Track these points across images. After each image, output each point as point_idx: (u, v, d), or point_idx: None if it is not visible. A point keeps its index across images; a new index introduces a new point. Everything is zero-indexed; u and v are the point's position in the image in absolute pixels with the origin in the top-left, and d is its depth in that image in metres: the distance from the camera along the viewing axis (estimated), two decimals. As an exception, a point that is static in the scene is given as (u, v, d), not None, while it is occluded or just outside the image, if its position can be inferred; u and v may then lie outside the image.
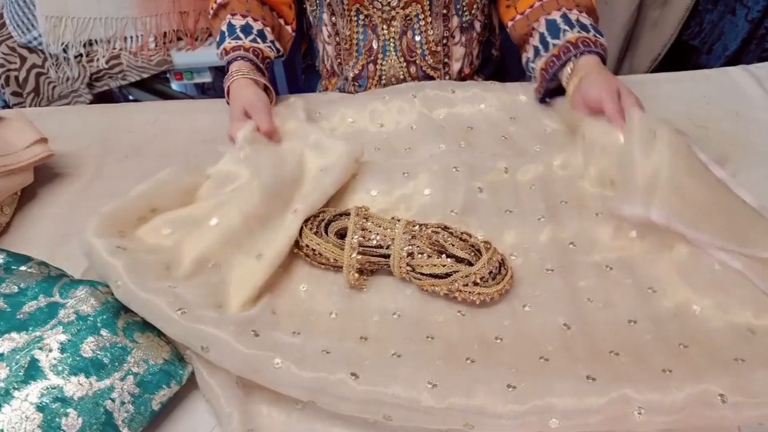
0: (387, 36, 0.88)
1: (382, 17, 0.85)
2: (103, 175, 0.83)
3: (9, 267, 0.59)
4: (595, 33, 0.80)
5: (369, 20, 0.86)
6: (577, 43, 0.78)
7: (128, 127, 0.91)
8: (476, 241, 0.61)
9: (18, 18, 1.32)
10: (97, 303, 0.54)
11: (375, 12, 0.85)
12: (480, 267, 0.58)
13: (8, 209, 0.76)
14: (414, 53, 0.88)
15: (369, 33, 0.88)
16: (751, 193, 0.69)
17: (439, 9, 0.85)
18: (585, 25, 0.81)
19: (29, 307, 0.53)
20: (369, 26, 0.87)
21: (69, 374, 0.49)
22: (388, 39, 0.88)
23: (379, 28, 0.87)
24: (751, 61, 1.07)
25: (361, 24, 0.87)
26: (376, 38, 0.88)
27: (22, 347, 0.50)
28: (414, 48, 0.88)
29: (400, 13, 0.85)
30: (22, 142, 0.76)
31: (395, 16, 0.85)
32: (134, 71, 1.35)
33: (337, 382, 0.50)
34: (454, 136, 0.78)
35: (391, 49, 0.88)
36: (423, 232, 0.61)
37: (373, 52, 0.90)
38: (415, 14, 0.85)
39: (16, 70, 1.32)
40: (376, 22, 0.86)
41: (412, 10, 0.84)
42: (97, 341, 0.52)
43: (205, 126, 0.91)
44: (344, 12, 0.85)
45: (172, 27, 1.34)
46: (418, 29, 0.86)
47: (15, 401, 0.48)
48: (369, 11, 0.85)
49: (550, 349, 0.54)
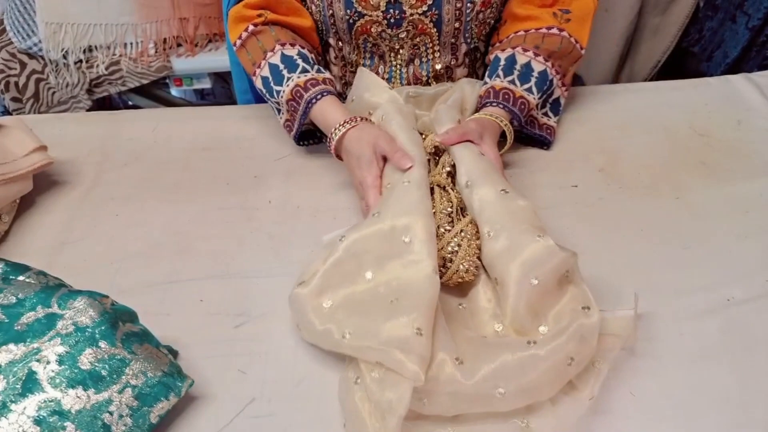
0: (394, 63, 0.87)
1: (390, 46, 0.84)
2: (102, 183, 0.82)
3: (7, 277, 0.58)
4: (528, 89, 0.79)
5: (377, 48, 0.85)
6: (498, 92, 0.78)
7: (128, 135, 0.91)
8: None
9: (18, 24, 1.32)
10: (96, 314, 0.53)
11: (383, 42, 0.84)
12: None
13: (7, 217, 0.75)
14: (420, 80, 0.87)
15: (376, 60, 0.87)
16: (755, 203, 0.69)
17: (447, 39, 0.84)
18: (527, 74, 0.79)
19: (27, 318, 0.52)
20: (377, 54, 0.86)
21: (67, 387, 0.49)
22: (395, 66, 0.87)
23: (386, 56, 0.86)
24: (752, 69, 1.07)
25: (368, 51, 0.86)
26: (383, 65, 0.87)
27: (19, 359, 0.50)
28: (420, 76, 0.87)
29: (409, 43, 0.84)
30: (21, 150, 0.76)
31: (403, 45, 0.84)
32: (134, 77, 1.35)
33: None
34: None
35: (396, 76, 0.87)
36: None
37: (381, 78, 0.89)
38: (423, 44, 0.84)
39: (16, 75, 1.32)
40: (384, 50, 0.85)
41: (420, 40, 0.83)
42: (96, 353, 0.51)
43: (205, 133, 0.91)
44: (351, 40, 0.84)
45: (171, 33, 1.35)
46: (425, 58, 0.86)
47: (12, 414, 0.47)
48: (377, 41, 0.84)
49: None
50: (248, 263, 0.70)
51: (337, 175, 0.82)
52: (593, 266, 0.67)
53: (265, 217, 0.76)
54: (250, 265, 0.70)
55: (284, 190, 0.80)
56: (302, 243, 0.72)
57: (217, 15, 1.37)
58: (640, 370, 0.58)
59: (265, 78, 0.80)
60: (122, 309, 0.56)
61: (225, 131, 0.91)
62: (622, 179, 0.79)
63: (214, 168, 0.84)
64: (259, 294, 0.66)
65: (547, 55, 0.80)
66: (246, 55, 0.82)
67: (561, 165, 0.82)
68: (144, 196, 0.80)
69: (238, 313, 0.64)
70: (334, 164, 0.84)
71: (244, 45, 0.82)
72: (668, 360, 0.59)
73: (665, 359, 0.59)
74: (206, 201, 0.79)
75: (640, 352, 0.59)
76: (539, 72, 0.80)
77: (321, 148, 0.87)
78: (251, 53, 0.82)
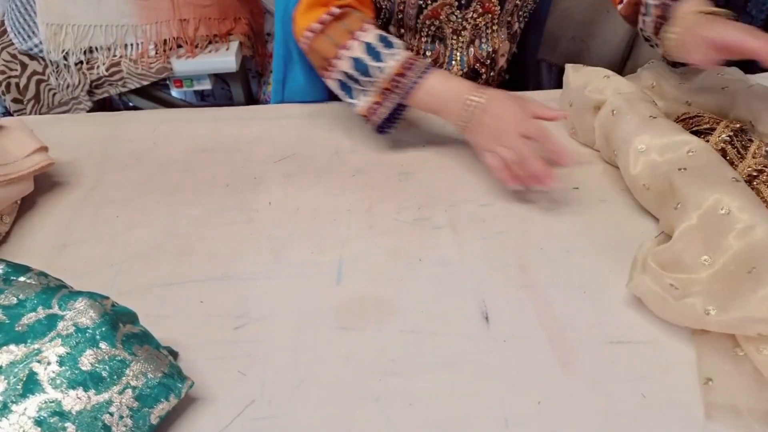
0: (456, 46, 0.86)
1: (453, 27, 0.84)
2: (103, 184, 0.83)
3: (8, 278, 0.58)
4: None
5: (440, 32, 0.85)
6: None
7: (128, 136, 0.91)
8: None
9: (19, 25, 1.32)
10: (96, 315, 0.53)
11: (448, 24, 0.83)
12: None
13: (8, 218, 0.75)
14: (479, 62, 0.87)
15: (436, 45, 0.87)
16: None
17: (504, 17, 0.84)
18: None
19: (28, 319, 0.53)
20: (438, 37, 0.86)
21: (67, 388, 0.49)
22: (456, 49, 0.87)
23: (447, 39, 0.86)
24: (755, 71, 1.06)
25: (430, 35, 0.86)
26: (443, 48, 0.87)
27: (20, 360, 0.50)
28: (480, 56, 0.87)
29: (471, 23, 0.84)
30: (22, 151, 0.76)
31: (466, 26, 0.84)
32: (134, 78, 1.35)
33: None
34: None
35: (457, 59, 0.87)
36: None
37: (438, 63, 0.89)
38: (484, 24, 0.84)
39: (17, 77, 1.32)
40: (447, 33, 0.85)
41: (482, 20, 0.83)
42: (96, 354, 0.51)
43: (205, 135, 0.91)
44: (417, 26, 0.84)
45: (172, 35, 1.35)
46: (485, 38, 0.86)
47: (13, 415, 0.47)
48: (442, 23, 0.84)
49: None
50: (248, 265, 0.70)
51: (338, 177, 0.82)
52: (593, 267, 0.67)
53: (264, 218, 0.76)
54: (250, 267, 0.70)
55: (284, 192, 0.80)
56: (302, 245, 0.72)
57: (217, 16, 1.37)
58: None
59: (358, 59, 0.77)
60: (123, 310, 0.57)
61: (225, 133, 0.91)
62: (624, 181, 0.79)
63: (214, 170, 0.85)
64: (259, 296, 0.67)
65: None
66: (326, 40, 0.79)
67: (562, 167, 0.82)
68: (144, 197, 0.80)
69: (238, 315, 0.64)
70: (335, 166, 0.84)
71: (325, 30, 0.79)
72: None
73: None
74: (206, 203, 0.79)
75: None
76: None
77: (321, 149, 0.87)
78: (333, 37, 0.78)
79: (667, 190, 0.67)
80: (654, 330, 0.61)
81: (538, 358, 0.59)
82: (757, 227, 0.57)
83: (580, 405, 0.55)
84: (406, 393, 0.57)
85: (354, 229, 0.74)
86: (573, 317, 0.62)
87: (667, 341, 0.60)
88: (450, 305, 0.64)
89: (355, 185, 0.81)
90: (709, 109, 0.80)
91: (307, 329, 0.63)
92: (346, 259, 0.70)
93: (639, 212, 0.75)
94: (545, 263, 0.68)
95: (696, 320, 0.57)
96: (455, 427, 0.54)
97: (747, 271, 0.56)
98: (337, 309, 0.64)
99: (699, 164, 0.66)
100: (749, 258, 0.57)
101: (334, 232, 0.74)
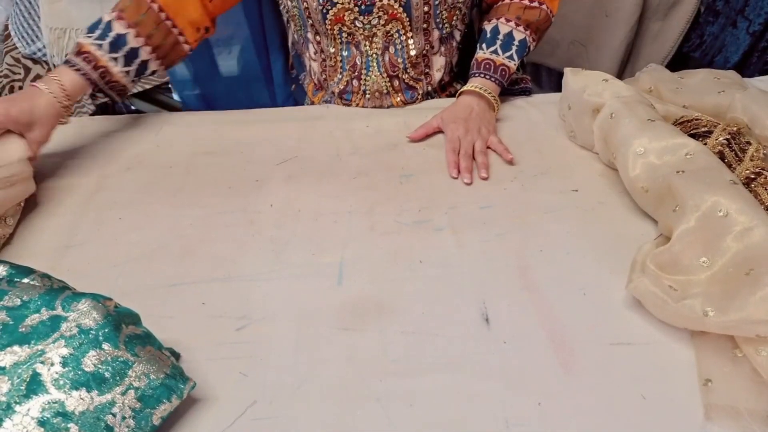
0: (370, 52, 0.89)
1: (364, 34, 0.87)
2: (106, 187, 0.83)
3: (12, 279, 0.59)
4: (509, 56, 0.88)
5: (352, 38, 0.88)
6: (480, 63, 0.88)
7: (130, 139, 0.92)
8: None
9: (23, 29, 1.33)
10: (99, 316, 0.54)
11: (357, 30, 0.86)
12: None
13: (12, 220, 0.76)
14: (396, 68, 0.90)
15: (353, 50, 0.90)
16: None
17: (419, 24, 0.86)
18: (508, 43, 0.88)
19: (31, 320, 0.53)
20: (352, 43, 0.89)
21: (70, 389, 0.49)
22: (371, 55, 0.89)
23: (362, 45, 0.89)
24: (753, 75, 1.07)
25: (344, 42, 0.89)
26: (359, 54, 0.90)
27: (24, 361, 0.50)
28: (396, 63, 0.90)
29: (382, 30, 0.86)
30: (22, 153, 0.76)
31: (377, 33, 0.86)
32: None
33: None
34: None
35: (374, 64, 0.90)
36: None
37: (356, 68, 0.92)
38: (395, 30, 0.86)
39: (21, 80, 1.33)
40: (359, 39, 0.88)
41: (392, 26, 0.86)
42: (99, 355, 0.52)
43: (207, 138, 0.91)
44: (327, 31, 0.87)
45: (175, 38, 1.35)
46: (400, 44, 0.88)
47: (16, 416, 0.48)
48: (351, 29, 0.86)
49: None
50: (250, 267, 0.70)
51: (339, 179, 0.82)
52: (593, 269, 0.67)
53: (266, 220, 0.77)
54: (252, 269, 0.70)
55: (285, 194, 0.80)
56: (303, 246, 0.72)
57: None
58: None
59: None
60: (125, 311, 0.57)
61: (226, 136, 0.92)
62: (623, 183, 0.79)
63: (215, 172, 0.85)
64: (260, 297, 0.67)
65: (525, 25, 0.89)
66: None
67: (561, 169, 0.83)
68: (146, 200, 0.81)
69: (239, 316, 0.65)
70: (336, 168, 0.85)
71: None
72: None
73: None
74: (208, 205, 0.79)
75: None
76: (519, 41, 0.89)
77: (323, 151, 0.88)
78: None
79: (665, 192, 0.68)
80: (654, 331, 0.61)
81: (538, 359, 0.59)
82: (755, 229, 0.58)
83: (580, 406, 0.55)
84: (406, 394, 0.57)
85: (355, 231, 0.74)
86: (573, 319, 0.63)
87: (667, 342, 0.60)
88: (450, 306, 0.65)
89: (356, 187, 0.81)
90: (707, 112, 0.80)
91: (309, 330, 0.63)
92: (347, 261, 0.70)
93: (638, 214, 0.75)
94: (545, 265, 0.69)
95: (695, 322, 0.57)
96: (456, 428, 0.54)
97: (745, 273, 0.57)
98: (338, 310, 0.65)
99: (697, 167, 0.66)
100: (747, 260, 0.57)
101: (335, 234, 0.74)
